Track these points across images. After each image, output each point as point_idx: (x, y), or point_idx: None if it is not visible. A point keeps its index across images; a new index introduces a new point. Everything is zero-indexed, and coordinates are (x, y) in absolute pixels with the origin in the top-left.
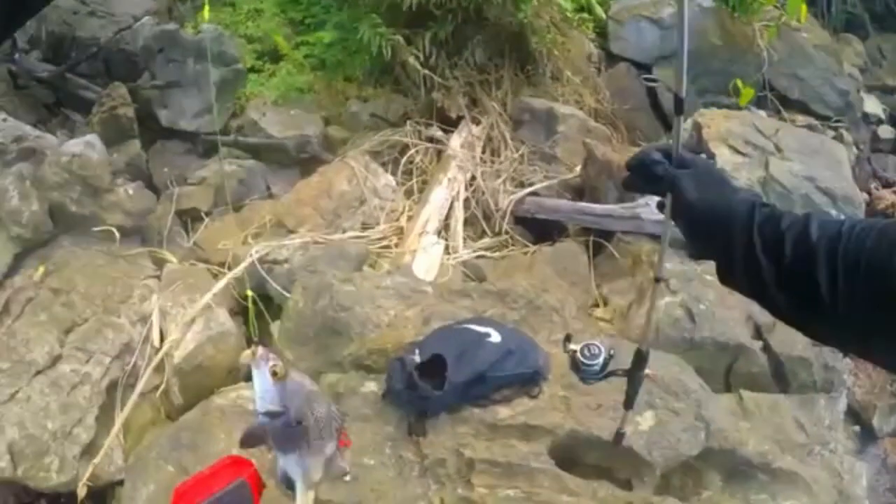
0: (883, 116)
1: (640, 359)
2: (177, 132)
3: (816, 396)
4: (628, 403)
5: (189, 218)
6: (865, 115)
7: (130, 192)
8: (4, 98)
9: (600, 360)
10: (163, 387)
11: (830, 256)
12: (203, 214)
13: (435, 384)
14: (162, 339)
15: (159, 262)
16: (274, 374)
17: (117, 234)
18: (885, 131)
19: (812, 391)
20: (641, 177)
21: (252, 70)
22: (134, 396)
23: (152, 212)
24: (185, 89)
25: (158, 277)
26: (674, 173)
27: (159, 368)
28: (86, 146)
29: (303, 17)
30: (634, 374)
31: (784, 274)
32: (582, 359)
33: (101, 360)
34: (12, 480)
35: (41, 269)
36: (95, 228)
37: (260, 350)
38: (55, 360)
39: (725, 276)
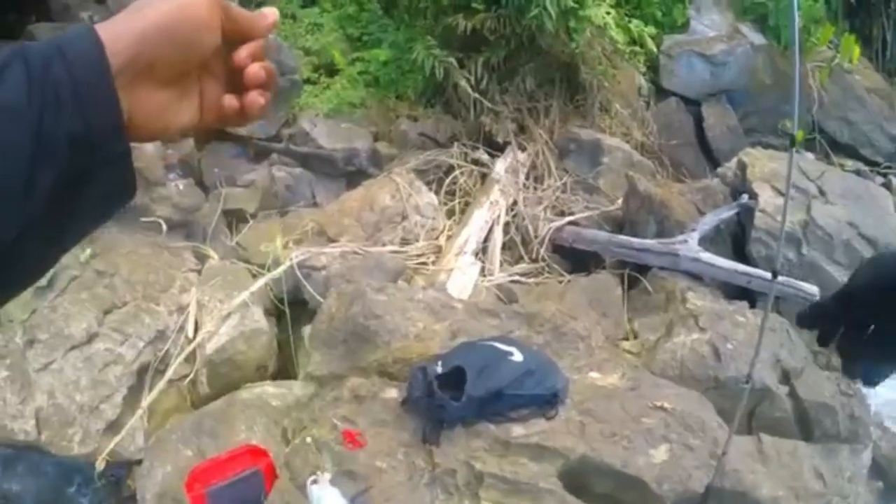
0: None
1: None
2: (230, 135)
3: (840, 447)
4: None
5: (234, 218)
6: None
7: (181, 187)
8: None
9: None
10: (191, 376)
11: None
12: (248, 216)
13: (454, 395)
14: (196, 331)
15: (201, 258)
16: None
17: (164, 226)
18: None
19: (836, 441)
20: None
21: (308, 82)
22: (162, 382)
23: (199, 209)
24: None
25: (199, 272)
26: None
27: (190, 358)
28: None
29: (360, 34)
30: None
31: None
32: None
33: (136, 343)
34: (35, 445)
35: (88, 251)
36: (144, 219)
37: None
38: (91, 337)
39: None
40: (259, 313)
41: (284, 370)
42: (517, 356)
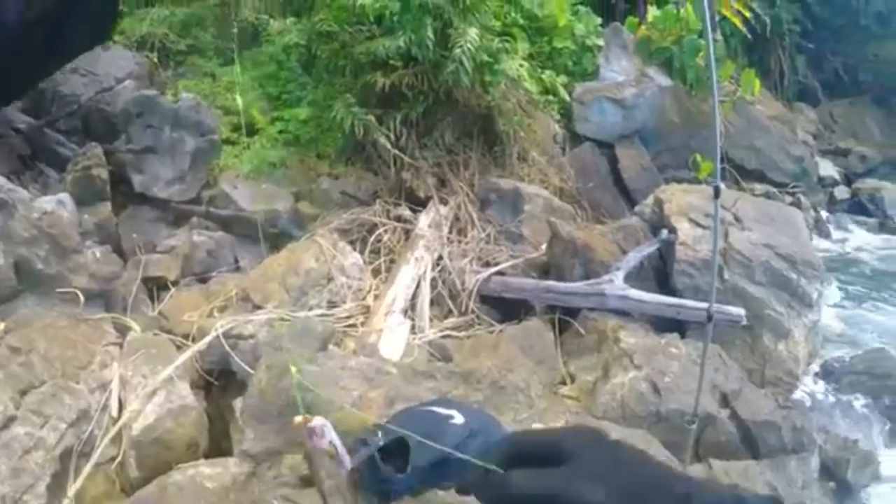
0: (838, 178)
1: None
2: (149, 198)
3: (787, 458)
4: None
5: (155, 286)
6: (821, 179)
7: (98, 255)
8: None
9: None
10: (119, 458)
11: None
12: (170, 283)
13: (398, 467)
14: (121, 409)
15: (122, 330)
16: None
17: (82, 297)
18: (841, 192)
19: (783, 454)
20: None
21: (227, 142)
22: (88, 466)
23: (118, 277)
24: (160, 156)
25: (120, 345)
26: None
27: (116, 439)
28: (57, 204)
29: (279, 92)
30: None
31: None
32: None
33: (57, 425)
34: None
35: (2, 326)
36: (60, 289)
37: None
38: (9, 421)
39: None
40: (186, 388)
41: (217, 446)
42: (458, 418)
